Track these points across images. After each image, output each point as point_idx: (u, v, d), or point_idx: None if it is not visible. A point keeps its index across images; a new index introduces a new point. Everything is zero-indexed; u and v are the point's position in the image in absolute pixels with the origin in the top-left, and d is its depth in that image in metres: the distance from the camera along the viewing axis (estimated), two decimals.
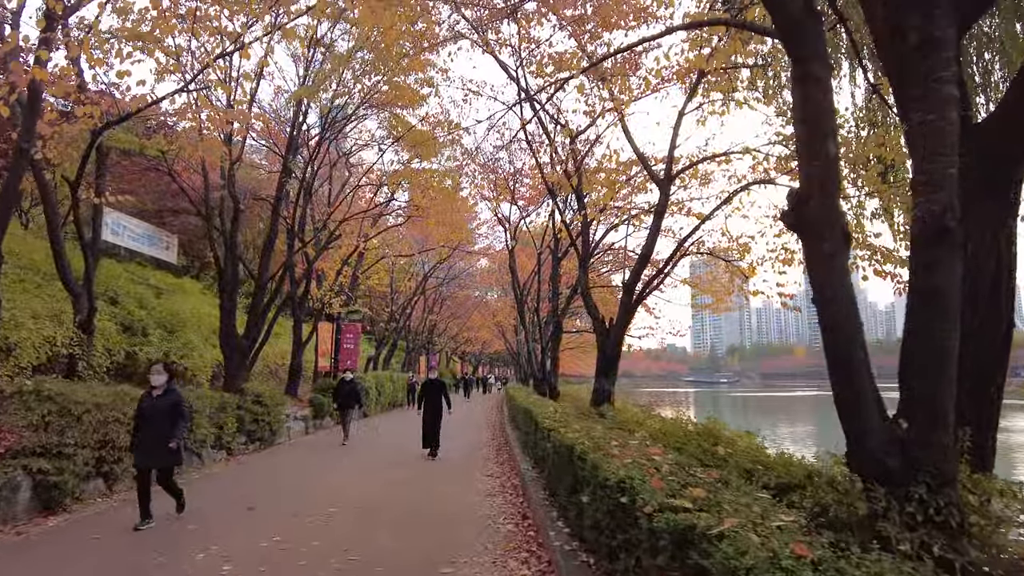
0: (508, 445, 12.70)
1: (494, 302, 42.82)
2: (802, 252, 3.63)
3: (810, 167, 3.37)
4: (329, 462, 10.67)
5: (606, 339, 9.41)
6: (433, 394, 11.30)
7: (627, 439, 5.05)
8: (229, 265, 12.81)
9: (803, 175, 3.45)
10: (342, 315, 19.25)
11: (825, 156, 3.24)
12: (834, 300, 3.35)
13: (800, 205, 3.35)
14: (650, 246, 9.16)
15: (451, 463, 10.51)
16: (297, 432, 15.33)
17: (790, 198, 3.42)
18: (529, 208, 21.03)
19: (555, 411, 8.30)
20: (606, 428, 7.07)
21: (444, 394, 11.28)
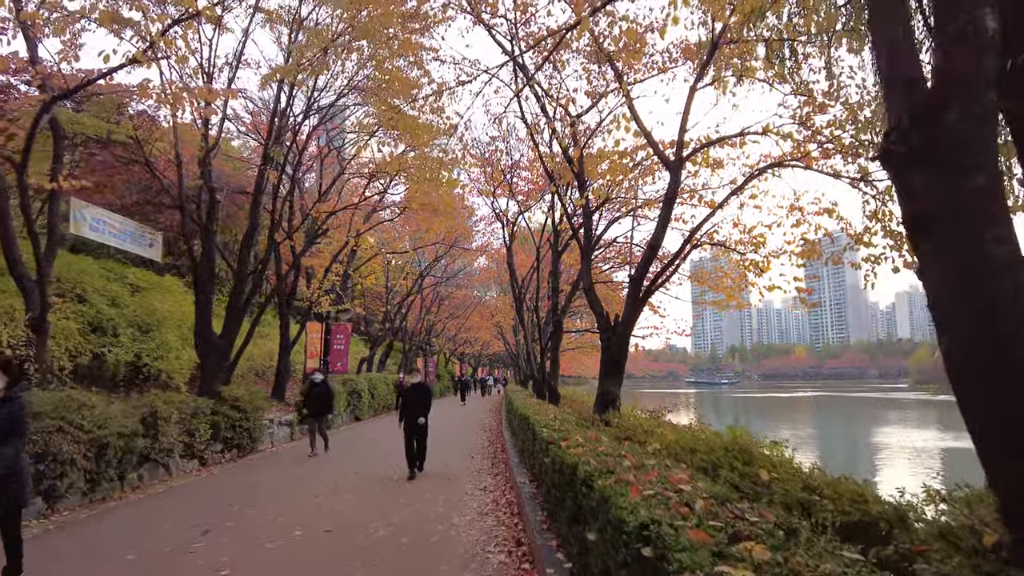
0: (505, 452, 11.81)
1: (492, 302, 41.89)
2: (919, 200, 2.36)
3: (952, 48, 2.17)
4: (306, 474, 9.78)
5: (611, 338, 8.54)
6: (416, 403, 9.65)
7: (641, 457, 4.17)
8: (204, 259, 11.94)
9: (939, 64, 2.27)
10: (332, 314, 18.37)
11: (973, 28, 2.08)
12: (1010, 268, 2.12)
13: (931, 117, 2.15)
14: (660, 235, 8.30)
15: (441, 475, 9.62)
16: (281, 438, 14.44)
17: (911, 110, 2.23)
18: (528, 203, 20.12)
19: (555, 419, 7.42)
20: (612, 439, 6.18)
21: (425, 402, 9.70)
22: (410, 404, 9.66)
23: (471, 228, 27.49)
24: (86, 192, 20.13)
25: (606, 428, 7.10)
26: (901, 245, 9.11)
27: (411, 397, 9.79)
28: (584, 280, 9.64)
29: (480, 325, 47.55)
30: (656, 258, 9.83)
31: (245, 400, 12.03)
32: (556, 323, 13.84)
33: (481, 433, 16.34)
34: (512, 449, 11.05)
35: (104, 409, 7.67)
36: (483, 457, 11.59)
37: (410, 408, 9.59)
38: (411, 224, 27.33)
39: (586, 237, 9.70)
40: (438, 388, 41.97)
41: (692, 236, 9.07)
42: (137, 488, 8.32)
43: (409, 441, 9.43)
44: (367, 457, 11.68)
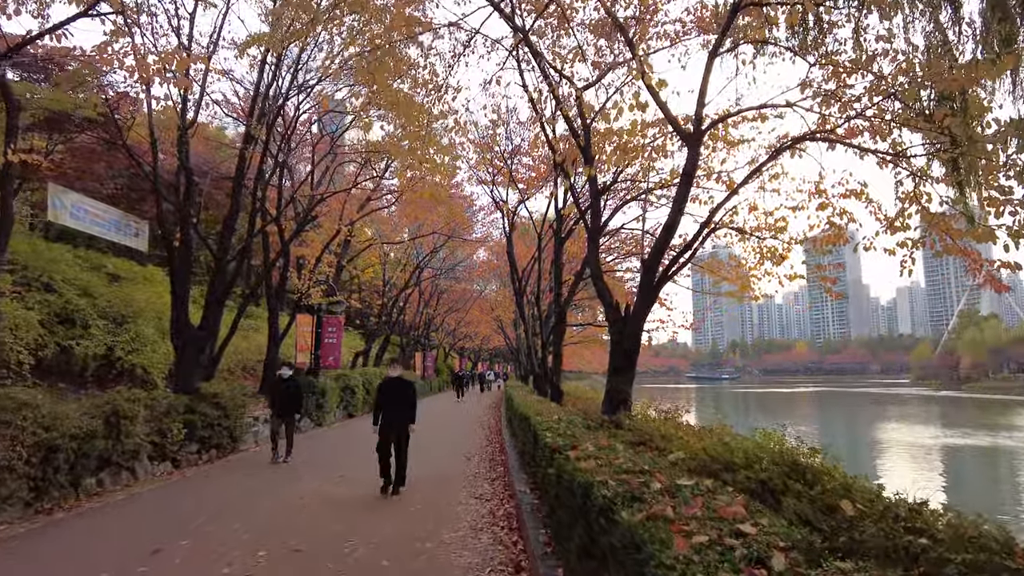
0: (504, 454, 10.99)
1: (493, 295, 41.03)
2: None
3: None
4: (285, 478, 8.95)
5: (622, 329, 7.69)
6: (394, 401, 7.85)
7: (670, 473, 3.33)
8: (182, 244, 11.11)
9: None
10: (323, 306, 17.51)
11: None
12: None
13: None
14: (677, 214, 7.44)
15: (433, 479, 8.78)
16: (267, 438, 13.60)
17: None
18: (528, 192, 19.23)
19: (559, 420, 6.57)
20: (627, 446, 5.34)
21: (409, 401, 7.89)
22: (388, 403, 7.83)
23: (470, 219, 26.60)
24: (66, 178, 19.34)
25: (617, 432, 6.27)
26: (943, 227, 8.26)
27: (390, 394, 7.88)
28: (591, 266, 8.76)
29: (480, 319, 46.72)
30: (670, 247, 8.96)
31: (225, 396, 11.21)
32: (559, 315, 12.94)
33: (479, 432, 15.53)
34: (512, 450, 10.23)
35: (52, 408, 6.83)
36: (480, 459, 10.77)
37: (389, 408, 7.81)
38: (409, 216, 26.48)
39: (593, 218, 8.82)
40: (437, 383, 41.10)
41: (711, 217, 8.19)
42: (95, 495, 7.50)
43: (385, 450, 7.72)
44: (356, 458, 10.83)
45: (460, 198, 25.23)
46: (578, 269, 14.03)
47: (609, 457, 4.07)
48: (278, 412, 10.75)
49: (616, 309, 8.02)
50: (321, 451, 12.09)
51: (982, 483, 22.07)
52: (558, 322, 12.96)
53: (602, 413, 7.82)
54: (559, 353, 13.22)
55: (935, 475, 22.45)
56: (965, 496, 18.06)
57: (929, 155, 8.56)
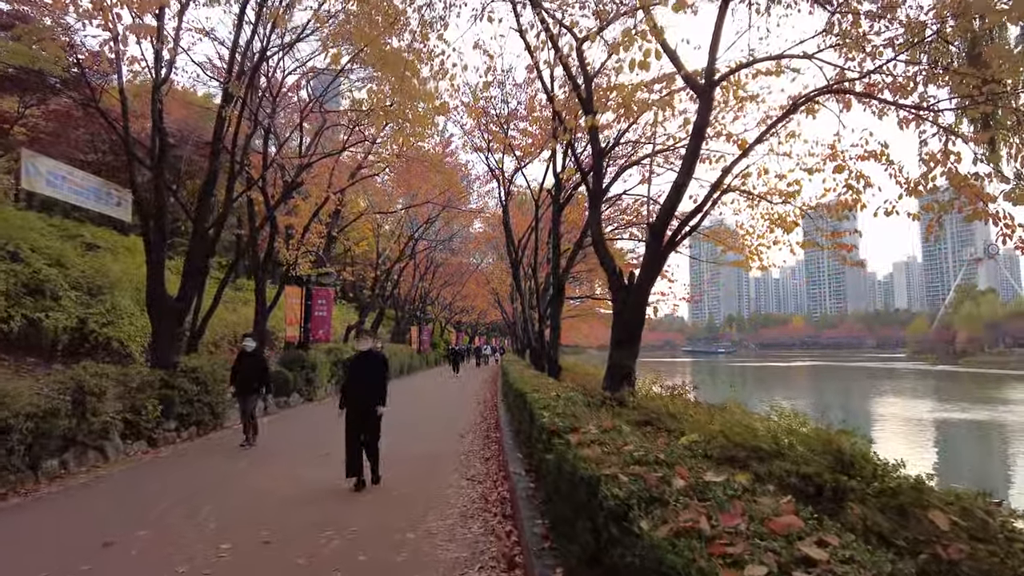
0: (500, 431, 10.49)
1: (489, 268, 40.37)
2: None
3: None
4: (264, 456, 8.45)
5: (626, 299, 7.09)
6: (364, 379, 6.69)
7: (699, 471, 2.76)
8: (156, 208, 10.42)
9: None
10: (312, 278, 16.88)
11: None
12: None
13: None
14: (687, 173, 6.78)
15: (424, 459, 8.28)
16: None
17: None
18: (525, 159, 18.44)
19: (557, 397, 6.01)
20: (633, 427, 4.79)
21: (379, 378, 6.74)
22: (357, 382, 6.68)
23: (466, 189, 25.79)
24: (41, 143, 18.46)
25: (621, 410, 5.74)
26: (973, 190, 7.62)
27: (358, 372, 6.72)
28: (593, 231, 8.11)
29: (476, 293, 46.15)
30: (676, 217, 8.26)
31: (206, 371, 10.65)
32: (557, 286, 12.30)
33: (474, 407, 15.06)
34: (507, 428, 9.73)
35: (2, 386, 6.24)
36: (475, 436, 10.27)
37: (357, 388, 6.66)
38: (402, 185, 25.66)
39: (595, 179, 8.13)
40: (433, 357, 40.63)
41: (724, 176, 7.52)
42: (57, 478, 6.96)
43: (352, 439, 6.58)
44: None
45: (455, 167, 24.40)
46: (577, 238, 13.35)
47: (616, 442, 3.51)
48: (239, 390, 9.47)
49: (619, 277, 7.41)
50: (307, 427, 11.60)
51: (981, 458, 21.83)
52: (556, 293, 12.33)
53: (603, 389, 7.27)
54: (557, 326, 12.59)
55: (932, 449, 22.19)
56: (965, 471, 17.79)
57: (959, 110, 7.88)
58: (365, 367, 6.77)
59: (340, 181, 18.17)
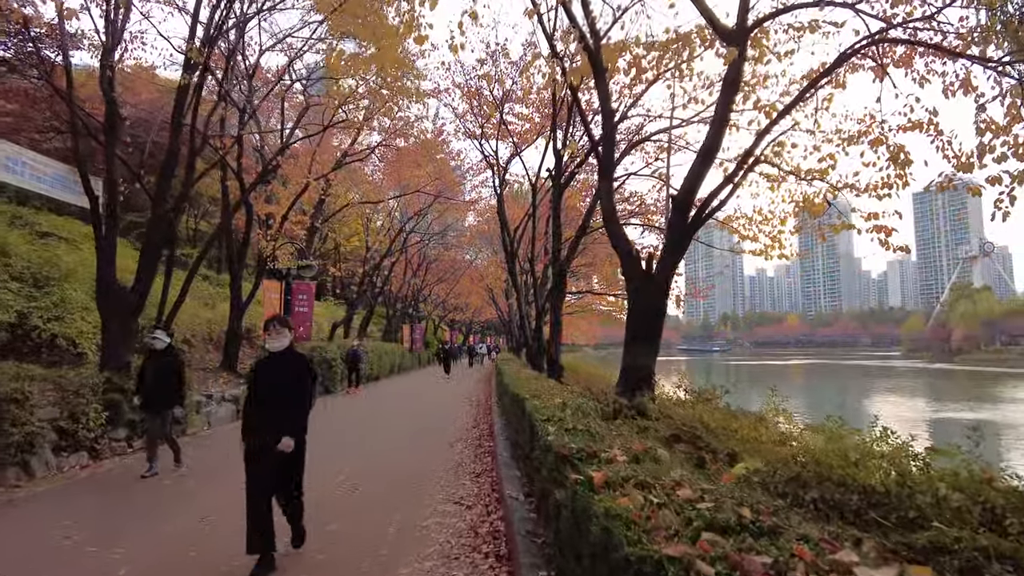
0: (493, 439, 9.36)
1: (483, 265, 39.18)
2: None
3: None
4: (226, 465, 7.28)
5: (644, 287, 5.97)
6: (274, 394, 4.28)
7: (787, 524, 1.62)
8: (105, 188, 9.25)
9: None
10: (292, 271, 15.67)
11: None
12: None
13: None
14: (716, 136, 5.69)
15: (400, 479, 7.12)
16: (222, 417, 11.95)
17: None
18: (521, 145, 17.30)
19: (563, 405, 4.87)
20: (664, 445, 3.66)
21: (297, 395, 4.34)
22: (265, 397, 4.27)
23: (459, 180, 24.62)
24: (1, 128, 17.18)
25: (643, 422, 4.63)
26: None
27: (267, 382, 4.33)
28: (604, 206, 6.96)
29: (471, 290, 44.96)
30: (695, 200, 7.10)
31: None
32: (558, 275, 11.10)
33: (467, 411, 13.92)
34: (501, 436, 8.59)
35: None
36: (465, 445, 9.12)
37: (265, 408, 4.24)
38: (393, 176, 24.47)
39: (606, 147, 7.00)
40: (425, 356, 39.37)
41: (759, 140, 6.40)
42: None
43: (257, 484, 4.14)
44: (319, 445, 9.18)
45: (447, 155, 23.24)
46: (580, 224, 12.17)
47: (661, 481, 2.36)
48: (146, 403, 7.02)
49: (636, 261, 6.29)
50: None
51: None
52: (557, 285, 11.13)
53: (617, 395, 6.15)
54: (558, 321, 11.40)
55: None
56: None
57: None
58: (277, 374, 4.29)
59: (324, 168, 16.99)
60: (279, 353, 4.39)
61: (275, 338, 4.38)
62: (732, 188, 6.51)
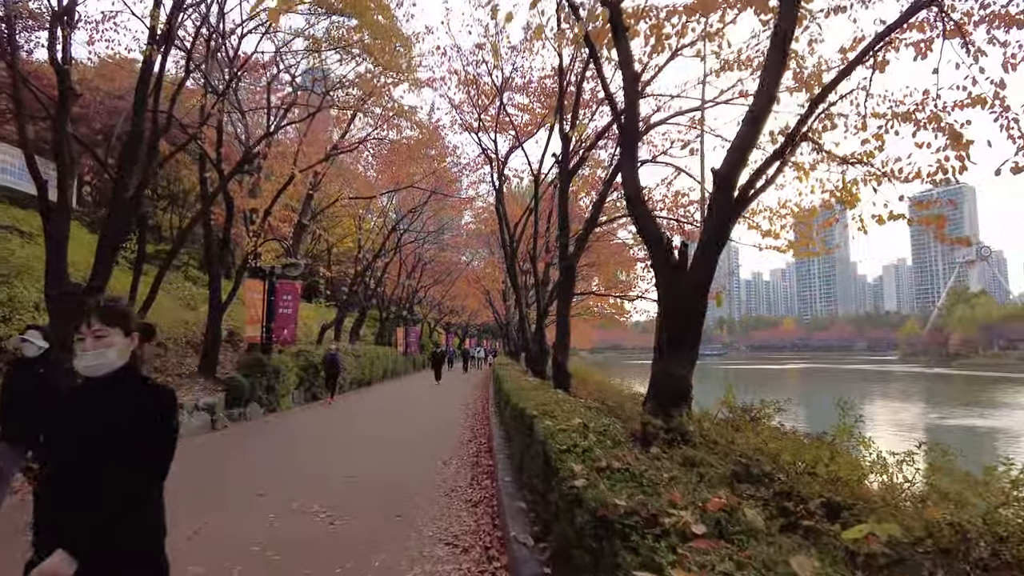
0: (492, 456, 8.32)
1: (480, 266, 38.12)
2: None
3: None
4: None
5: (677, 281, 4.97)
6: (82, 444, 1.94)
7: None
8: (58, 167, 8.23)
9: None
10: (276, 269, 14.62)
11: None
12: None
13: None
14: (766, 98, 4.68)
15: (380, 509, 6.09)
16: (197, 428, 10.88)
17: None
18: (521, 137, 16.29)
19: (584, 430, 3.83)
20: (728, 488, 2.65)
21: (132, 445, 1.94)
22: (63, 463, 1.95)
23: (455, 175, 23.58)
24: None
25: (689, 451, 3.63)
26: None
27: (73, 432, 1.97)
28: (626, 184, 5.90)
29: (467, 292, 43.88)
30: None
31: None
32: (566, 272, 10.00)
33: (463, 421, 12.88)
34: (502, 454, 7.55)
35: None
36: (461, 463, 8.08)
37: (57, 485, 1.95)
38: (387, 175, 23.43)
39: (628, 114, 5.95)
40: (421, 360, 38.16)
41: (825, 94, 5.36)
42: None
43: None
44: (287, 471, 8.14)
45: (443, 150, 22.22)
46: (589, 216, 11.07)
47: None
48: (9, 434, 4.28)
49: (667, 247, 5.28)
50: (255, 448, 9.37)
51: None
52: (565, 281, 9.98)
53: (647, 412, 5.10)
54: (566, 323, 10.26)
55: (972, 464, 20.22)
56: None
57: None
58: (88, 424, 1.98)
59: (311, 161, 15.95)
60: (101, 381, 2.02)
61: (92, 350, 1.99)
62: (781, 164, 5.49)
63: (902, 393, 48.94)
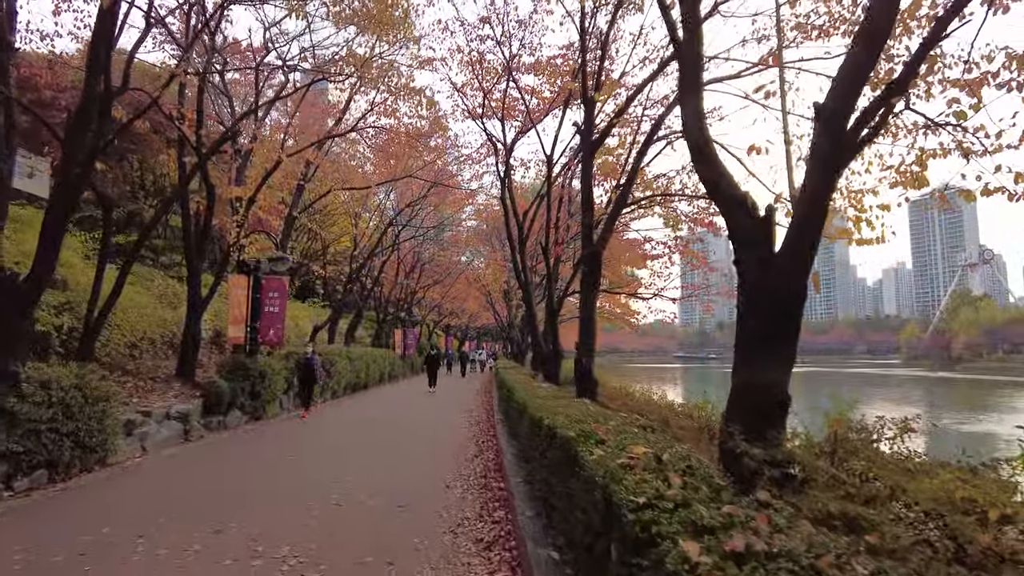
0: (504, 475, 7.07)
1: (480, 266, 36.85)
2: None
3: None
4: (115, 539, 4.99)
5: (768, 258, 3.74)
6: None
7: None
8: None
9: None
10: (262, 264, 13.37)
11: None
12: None
13: None
14: (886, 18, 3.51)
15: (372, 558, 4.84)
16: (165, 440, 9.63)
17: None
18: (531, 122, 15.07)
19: (658, 463, 2.61)
20: None
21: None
22: None
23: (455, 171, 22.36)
24: None
25: (818, 495, 2.42)
26: None
27: None
28: (690, 131, 4.52)
29: (467, 294, 42.62)
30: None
31: (67, 385, 7.17)
32: (591, 258, 8.49)
33: (465, 431, 11.63)
34: (517, 478, 6.31)
35: None
36: (466, 487, 6.81)
37: None
38: (384, 168, 22.21)
39: (688, 47, 4.70)
40: (419, 362, 36.73)
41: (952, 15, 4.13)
42: None
43: None
44: (256, 489, 6.92)
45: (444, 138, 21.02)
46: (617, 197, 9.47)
47: None
48: None
49: (752, 215, 4.04)
50: (231, 462, 8.11)
51: None
52: (590, 272, 8.39)
53: (730, 437, 3.80)
54: (591, 318, 8.71)
55: None
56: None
57: None
58: None
59: (307, 152, 14.74)
60: None
61: None
62: (892, 106, 4.25)
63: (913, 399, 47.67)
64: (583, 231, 8.56)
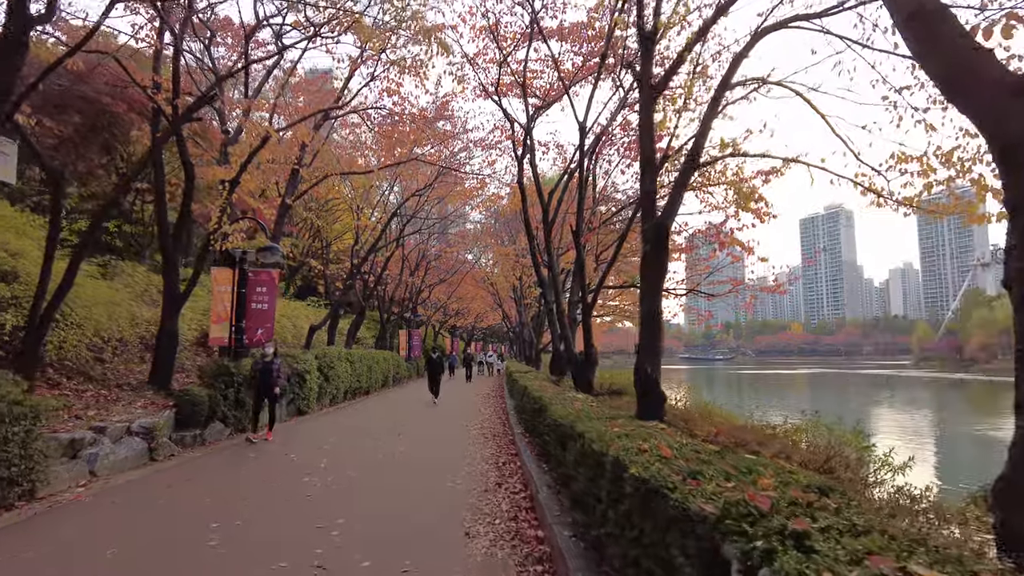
0: (539, 516, 5.43)
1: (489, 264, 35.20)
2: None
3: None
4: None
5: None
6: None
7: None
8: None
9: None
10: (249, 255, 11.75)
11: None
12: None
13: None
14: None
15: None
16: (128, 459, 8.02)
17: None
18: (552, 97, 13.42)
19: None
20: None
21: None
22: None
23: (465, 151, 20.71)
24: None
25: None
26: None
27: None
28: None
29: (474, 294, 41.02)
30: None
31: None
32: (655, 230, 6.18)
33: (480, 445, 10.00)
34: (565, 531, 4.65)
35: None
36: (493, 535, 5.16)
37: None
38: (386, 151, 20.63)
39: None
40: (420, 364, 35.01)
41: None
42: None
43: None
44: (219, 537, 5.28)
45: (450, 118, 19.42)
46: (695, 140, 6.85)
47: None
48: None
49: None
50: (186, 497, 6.46)
51: None
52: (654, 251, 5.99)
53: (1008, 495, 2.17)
54: (655, 312, 6.37)
55: None
56: None
57: None
58: None
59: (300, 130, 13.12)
60: None
61: None
62: None
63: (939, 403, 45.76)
64: (642, 200, 6.68)
